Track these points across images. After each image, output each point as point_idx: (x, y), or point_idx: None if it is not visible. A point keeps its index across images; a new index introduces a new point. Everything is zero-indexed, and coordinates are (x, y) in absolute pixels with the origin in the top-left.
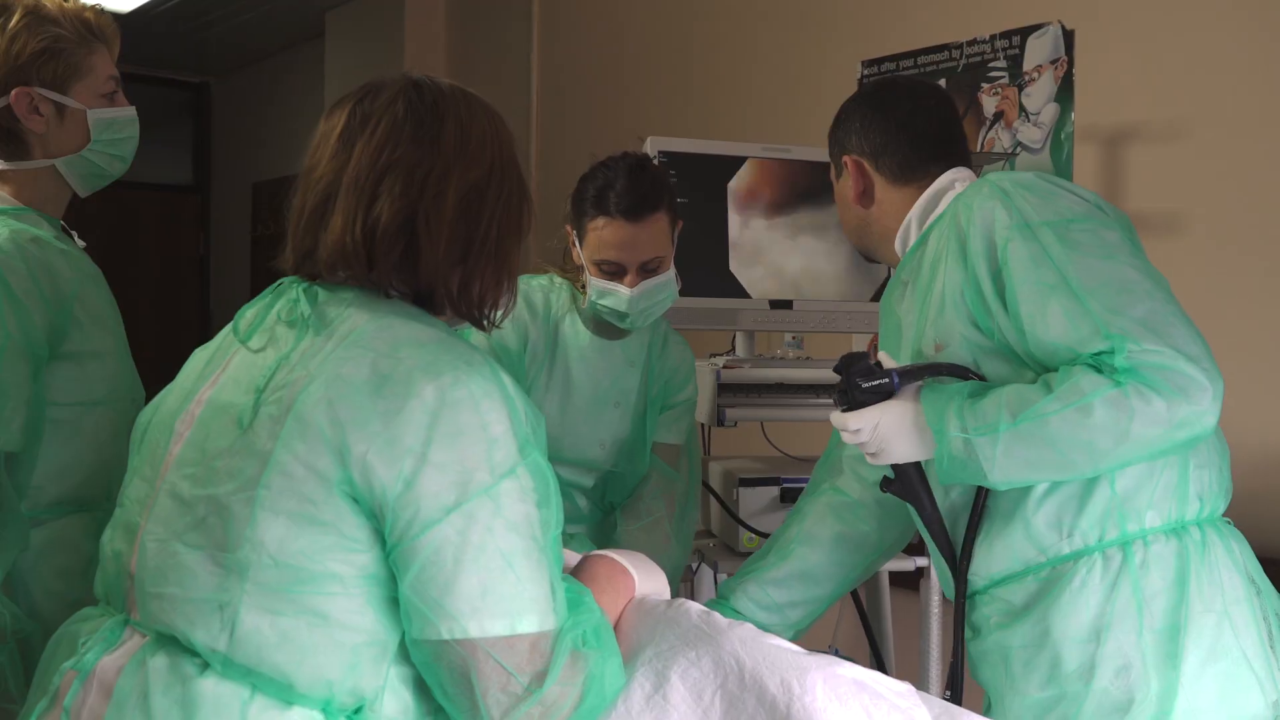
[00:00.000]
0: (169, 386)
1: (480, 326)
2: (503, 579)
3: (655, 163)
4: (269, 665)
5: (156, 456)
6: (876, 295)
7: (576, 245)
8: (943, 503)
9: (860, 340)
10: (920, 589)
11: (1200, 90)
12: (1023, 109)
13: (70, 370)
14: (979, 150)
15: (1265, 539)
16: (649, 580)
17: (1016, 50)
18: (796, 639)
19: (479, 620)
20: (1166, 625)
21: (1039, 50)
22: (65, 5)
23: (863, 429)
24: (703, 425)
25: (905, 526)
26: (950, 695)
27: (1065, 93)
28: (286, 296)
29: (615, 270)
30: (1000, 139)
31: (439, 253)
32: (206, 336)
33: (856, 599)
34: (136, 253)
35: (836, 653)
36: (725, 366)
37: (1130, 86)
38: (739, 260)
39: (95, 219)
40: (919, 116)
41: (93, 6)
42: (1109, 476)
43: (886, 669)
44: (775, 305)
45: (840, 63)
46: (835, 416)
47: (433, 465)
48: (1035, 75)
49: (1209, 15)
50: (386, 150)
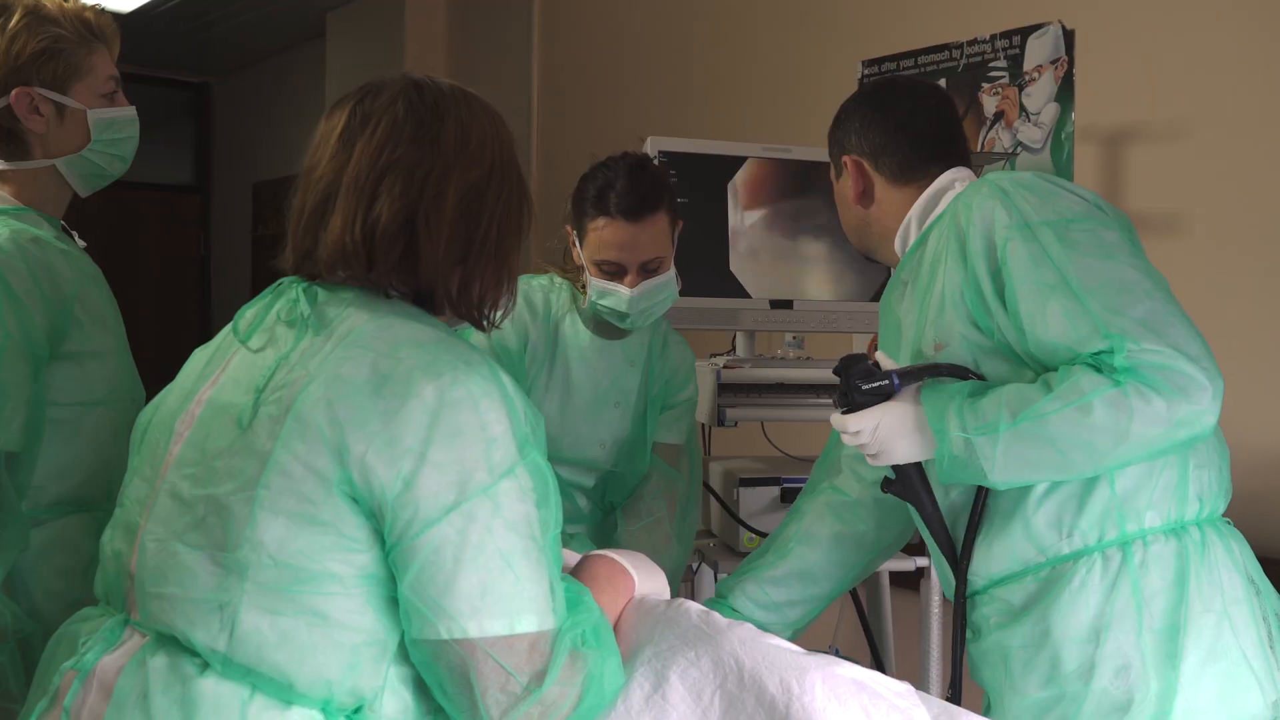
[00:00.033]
0: (169, 386)
1: (480, 327)
2: (502, 579)
3: (655, 163)
4: (269, 665)
5: (156, 456)
6: (876, 295)
7: (577, 245)
8: (943, 503)
9: (861, 340)
10: (920, 589)
11: (1200, 90)
12: (1023, 109)
13: (70, 370)
14: (979, 150)
15: (1265, 539)
16: (649, 580)
17: (1017, 50)
18: (795, 638)
19: (478, 620)
20: (1166, 625)
21: (1039, 50)
22: (65, 5)
23: (863, 430)
24: (703, 425)
25: (904, 526)
26: (950, 695)
27: (1065, 93)
28: (286, 296)
29: (615, 270)
30: (1001, 139)
31: (439, 253)
32: (207, 336)
33: (856, 599)
34: (137, 253)
35: (837, 653)
36: (726, 366)
37: (1130, 86)
38: (739, 260)
39: (96, 219)
40: (919, 116)
41: (93, 6)
42: (1108, 476)
43: (886, 669)
44: (775, 305)
45: (841, 62)
46: (835, 418)
47: (432, 465)
48: (1036, 75)
49: (1209, 15)
50: (386, 150)
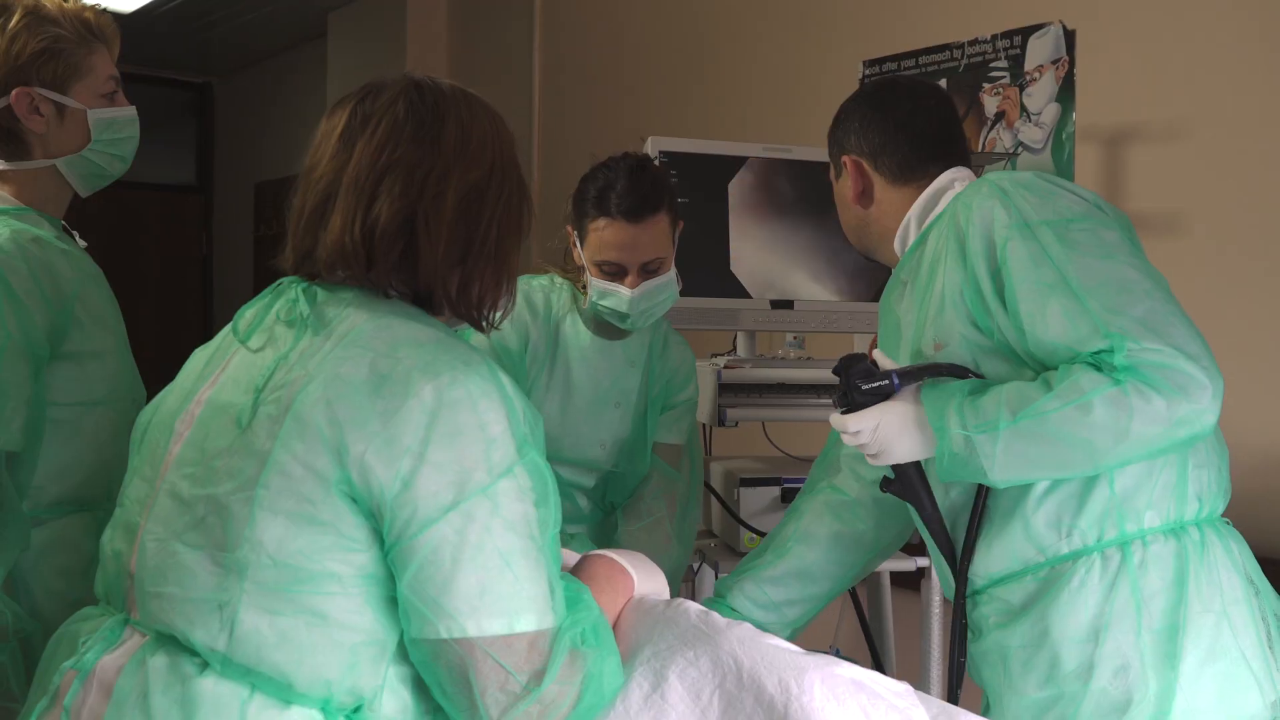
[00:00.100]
0: (169, 386)
1: (479, 327)
2: (501, 578)
3: (656, 163)
4: (268, 665)
5: (156, 456)
6: (877, 295)
7: (577, 245)
8: (942, 502)
9: (862, 340)
10: (921, 589)
11: (1200, 90)
12: (1024, 109)
13: (71, 370)
14: (980, 150)
15: (1265, 539)
16: (648, 580)
17: (1018, 50)
18: (794, 638)
19: (477, 619)
20: (1165, 625)
21: (1040, 50)
22: (65, 5)
23: (863, 430)
24: (704, 425)
25: (903, 526)
26: (949, 696)
27: (1066, 93)
28: (286, 296)
29: (616, 271)
30: (1002, 139)
31: (438, 253)
32: (208, 337)
33: (855, 599)
34: (139, 253)
35: (837, 653)
36: (726, 366)
37: (1131, 87)
38: (740, 260)
39: (97, 219)
40: (918, 116)
41: (92, 6)
42: (1108, 476)
43: (886, 669)
44: (776, 305)
45: (841, 63)
46: (835, 418)
47: (431, 465)
48: (1036, 75)
49: (1210, 15)
50: (387, 150)
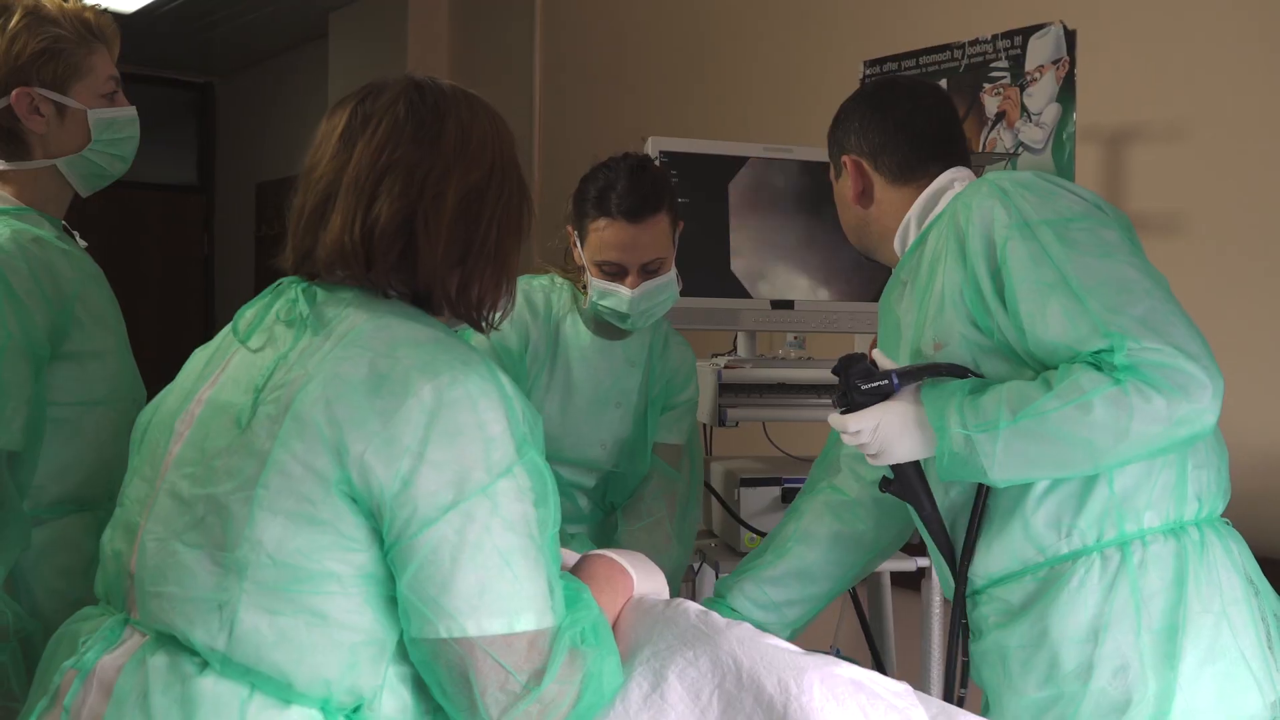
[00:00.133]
0: (169, 386)
1: (478, 328)
2: (500, 577)
3: (656, 163)
4: (267, 664)
5: (156, 456)
6: (877, 295)
7: (578, 246)
8: (942, 502)
9: (862, 341)
10: (921, 589)
11: (1201, 90)
12: (1025, 109)
13: (71, 370)
14: (981, 150)
15: (1265, 539)
16: (647, 579)
17: (1018, 50)
18: (794, 638)
19: (477, 619)
20: (1164, 625)
21: (1041, 50)
22: (65, 6)
23: (864, 430)
24: (704, 425)
25: (903, 526)
26: (948, 695)
27: (1067, 93)
28: (285, 296)
29: (616, 271)
30: (1002, 139)
31: (437, 254)
32: (209, 337)
33: (856, 599)
34: (140, 253)
35: (838, 653)
36: (727, 366)
37: (1131, 87)
38: (740, 260)
39: (98, 219)
40: (918, 116)
41: (92, 7)
42: (1107, 476)
43: (886, 669)
44: (776, 305)
45: (842, 63)
46: (834, 418)
47: (430, 464)
48: (1037, 75)
49: (1210, 16)
50: (387, 151)
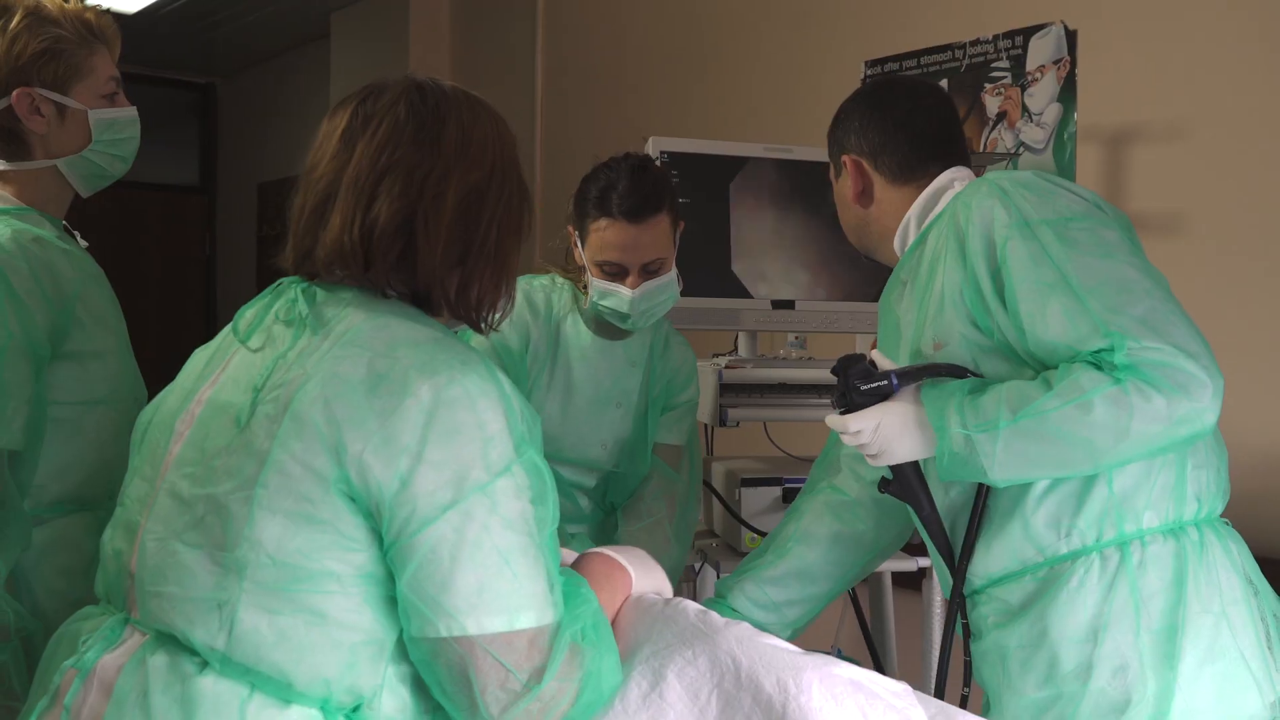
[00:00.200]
0: (170, 386)
1: (477, 329)
2: (500, 576)
3: (658, 163)
4: (267, 664)
5: (157, 456)
6: (877, 295)
7: (578, 246)
8: (941, 502)
9: (863, 341)
10: (922, 589)
11: (1201, 90)
12: (1025, 109)
13: (72, 370)
14: (982, 150)
15: (1265, 540)
16: (646, 577)
17: (1019, 50)
18: (794, 638)
19: (476, 617)
20: (1164, 626)
21: (1042, 50)
22: (66, 6)
23: (864, 430)
24: (705, 425)
25: (903, 526)
26: (937, 689)
27: (1068, 93)
28: (285, 296)
29: (617, 271)
30: (1003, 139)
31: (437, 254)
32: (210, 337)
33: (856, 600)
34: (141, 253)
35: (839, 653)
36: (728, 366)
37: (1132, 87)
38: (741, 260)
39: (99, 219)
40: (918, 116)
41: (93, 7)
42: (1107, 476)
43: (886, 669)
44: (777, 305)
45: (843, 63)
46: (834, 419)
47: (429, 464)
48: (1038, 75)
49: (1210, 16)
50: (387, 151)
